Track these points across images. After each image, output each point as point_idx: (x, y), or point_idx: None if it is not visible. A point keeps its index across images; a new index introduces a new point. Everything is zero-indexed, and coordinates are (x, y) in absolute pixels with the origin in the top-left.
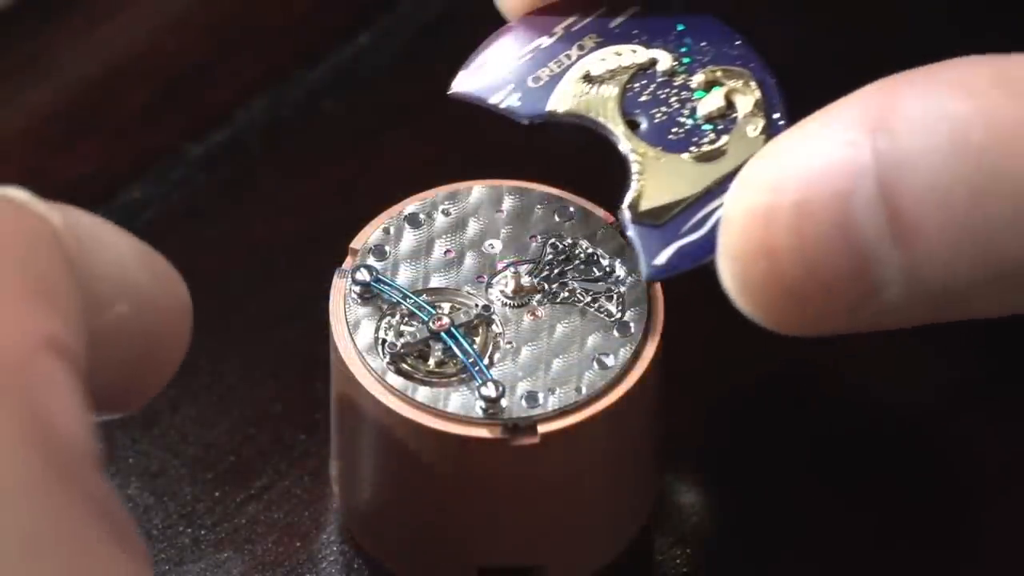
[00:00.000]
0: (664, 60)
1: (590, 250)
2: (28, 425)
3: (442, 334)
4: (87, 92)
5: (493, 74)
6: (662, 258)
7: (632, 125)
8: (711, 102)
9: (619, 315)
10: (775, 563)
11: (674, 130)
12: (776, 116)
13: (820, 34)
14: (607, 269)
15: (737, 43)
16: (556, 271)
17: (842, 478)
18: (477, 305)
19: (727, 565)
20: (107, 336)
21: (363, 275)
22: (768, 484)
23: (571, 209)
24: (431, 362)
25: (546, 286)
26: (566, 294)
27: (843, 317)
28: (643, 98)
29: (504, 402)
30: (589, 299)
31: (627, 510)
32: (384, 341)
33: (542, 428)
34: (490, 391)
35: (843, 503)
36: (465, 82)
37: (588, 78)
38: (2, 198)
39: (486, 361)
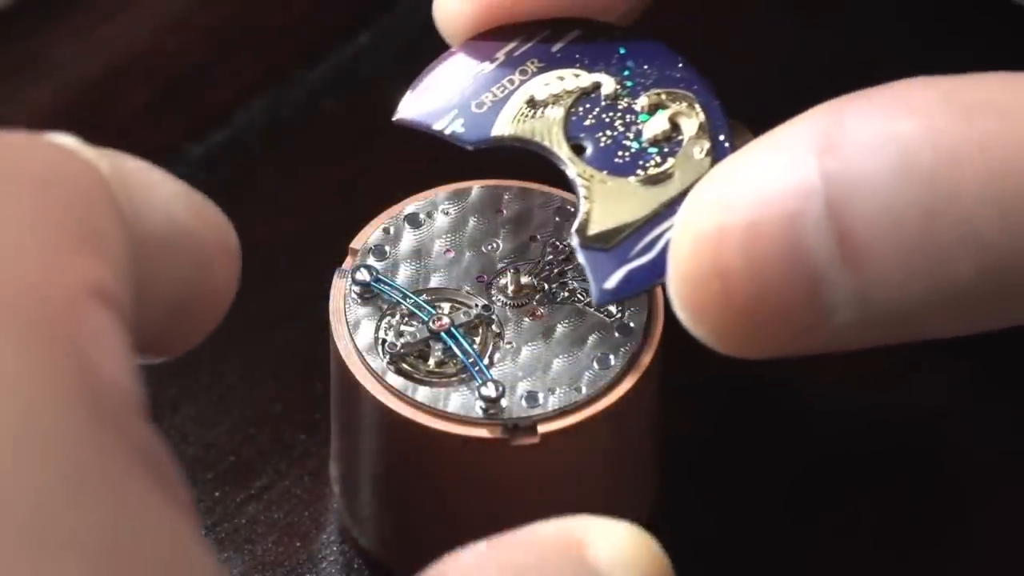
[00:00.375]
0: (607, 84)
1: None
2: (74, 372)
3: (442, 334)
4: (87, 92)
5: (437, 100)
6: (612, 282)
7: (577, 149)
8: (656, 125)
9: (619, 315)
10: (775, 563)
11: (620, 153)
12: (721, 138)
13: (820, 34)
14: None
15: (680, 65)
16: (556, 271)
17: (841, 478)
18: (477, 305)
19: (726, 565)
20: (155, 282)
21: (363, 275)
22: (767, 484)
23: (571, 209)
24: (431, 362)
25: (546, 286)
26: (566, 294)
27: (798, 340)
28: (588, 122)
29: (504, 402)
30: (589, 299)
31: (627, 510)
32: (384, 341)
33: (542, 428)
34: (490, 391)
35: (842, 503)
36: (409, 109)
37: (532, 103)
38: (51, 144)
39: (486, 361)
